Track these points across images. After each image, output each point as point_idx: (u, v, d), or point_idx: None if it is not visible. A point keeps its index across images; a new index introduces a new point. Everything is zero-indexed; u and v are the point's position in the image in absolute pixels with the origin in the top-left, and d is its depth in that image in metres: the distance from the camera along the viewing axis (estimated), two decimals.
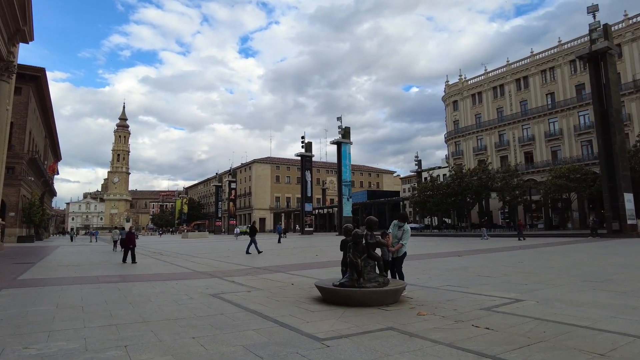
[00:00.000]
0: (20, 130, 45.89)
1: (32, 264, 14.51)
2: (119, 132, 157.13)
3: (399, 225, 7.71)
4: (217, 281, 9.49)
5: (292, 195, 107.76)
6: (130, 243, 14.88)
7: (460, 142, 63.02)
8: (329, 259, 15.43)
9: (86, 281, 9.38)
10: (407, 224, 7.76)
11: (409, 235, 7.63)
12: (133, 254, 14.82)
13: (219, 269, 12.57)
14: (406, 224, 7.74)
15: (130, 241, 14.94)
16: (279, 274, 10.93)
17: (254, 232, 20.02)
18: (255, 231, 20.18)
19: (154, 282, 9.28)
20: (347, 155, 53.62)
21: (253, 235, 19.76)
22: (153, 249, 26.65)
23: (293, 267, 12.79)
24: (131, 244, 14.88)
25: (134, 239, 15.17)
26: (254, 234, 19.85)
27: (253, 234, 19.81)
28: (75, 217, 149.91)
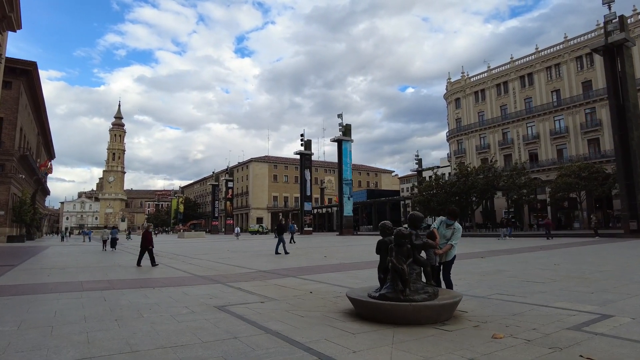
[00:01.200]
0: (10, 126, 44.27)
1: (11, 266, 13.08)
2: (115, 130, 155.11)
3: (448, 222, 6.40)
4: (221, 288, 8.13)
5: (289, 194, 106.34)
6: (148, 244, 13.19)
7: (463, 140, 61.85)
8: (340, 261, 14.11)
9: (67, 288, 7.98)
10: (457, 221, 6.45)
11: (459, 234, 6.32)
12: (152, 256, 13.18)
13: (220, 272, 11.21)
14: (456, 221, 6.43)
15: (148, 241, 13.24)
16: (289, 278, 9.58)
17: (282, 230, 18.51)
18: (283, 230, 18.68)
19: (147, 289, 7.89)
20: (347, 153, 52.30)
21: (281, 234, 18.28)
22: None
23: (303, 270, 11.45)
24: (149, 244, 13.18)
25: (151, 238, 13.48)
26: (282, 232, 18.36)
27: (281, 233, 18.32)
28: (69, 217, 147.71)
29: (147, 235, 13.46)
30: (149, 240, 13.25)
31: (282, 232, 18.41)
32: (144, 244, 13.24)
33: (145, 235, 13.57)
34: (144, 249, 13.20)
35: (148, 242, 13.21)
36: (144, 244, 13.24)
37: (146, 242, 13.23)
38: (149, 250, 13.16)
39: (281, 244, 17.82)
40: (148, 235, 13.47)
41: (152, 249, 13.31)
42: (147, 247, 13.12)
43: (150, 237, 13.43)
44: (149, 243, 13.21)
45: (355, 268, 11.66)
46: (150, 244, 13.19)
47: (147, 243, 13.19)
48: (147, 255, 13.16)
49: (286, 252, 17.57)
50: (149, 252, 13.15)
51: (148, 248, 13.12)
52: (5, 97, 42.97)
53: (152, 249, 13.26)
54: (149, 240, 13.27)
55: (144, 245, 13.24)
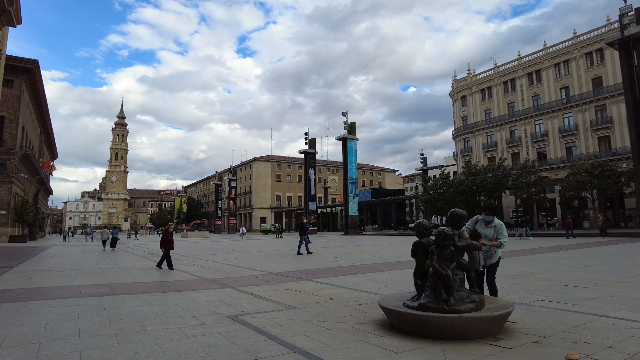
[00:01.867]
0: (12, 124, 43.77)
1: (7, 268, 12.41)
2: (117, 130, 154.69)
3: (487, 219, 5.63)
4: (232, 293, 7.42)
5: (293, 194, 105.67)
6: (169, 245, 11.98)
7: (469, 138, 60.99)
8: (353, 262, 13.38)
9: (63, 294, 7.28)
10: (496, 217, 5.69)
11: (505, 231, 5.56)
12: (169, 260, 12.02)
13: (228, 274, 10.51)
14: (496, 217, 5.67)
15: (169, 243, 12.02)
16: (304, 282, 8.87)
17: (303, 230, 17.61)
18: (305, 229, 17.79)
19: (150, 295, 7.19)
20: (352, 152, 51.55)
21: (303, 233, 17.39)
22: (151, 249, 24.55)
23: (315, 273, 10.74)
24: (170, 246, 12.00)
25: (172, 239, 12.25)
26: (303, 232, 17.44)
27: (303, 233, 17.41)
28: (72, 217, 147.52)
29: (167, 236, 12.20)
30: (170, 242, 12.07)
31: (304, 231, 17.52)
32: (165, 245, 12.00)
33: (165, 235, 12.26)
34: (165, 250, 12.01)
35: (169, 243, 12.04)
36: (165, 245, 12.00)
37: (167, 243, 12.01)
38: (167, 253, 12.01)
39: (303, 244, 16.99)
40: (169, 236, 12.23)
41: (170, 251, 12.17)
42: (166, 248, 11.97)
43: (171, 237, 12.24)
44: (170, 244, 12.05)
45: (372, 270, 10.94)
46: (171, 246, 12.07)
47: (168, 245, 12.01)
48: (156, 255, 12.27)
49: (309, 251, 16.78)
50: (166, 255, 12.01)
51: (168, 250, 12.01)
52: (6, 96, 42.44)
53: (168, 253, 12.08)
54: (170, 241, 12.10)
55: (164, 246, 12.01)
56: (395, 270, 10.70)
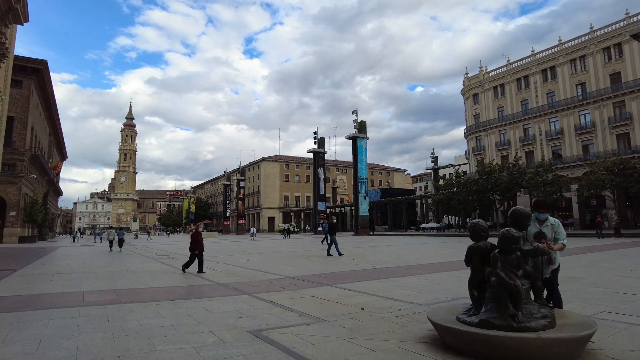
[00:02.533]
0: (21, 125, 43.60)
1: (11, 271, 11.83)
2: (126, 131, 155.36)
3: (540, 217, 4.82)
4: (250, 301, 6.71)
5: (301, 194, 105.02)
6: (199, 247, 11.11)
7: (482, 137, 59.81)
8: (374, 265, 12.61)
9: (65, 302, 6.62)
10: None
11: (563, 230, 4.76)
12: (200, 261, 11.09)
13: (242, 278, 9.81)
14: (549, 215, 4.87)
15: (199, 244, 11.14)
16: (326, 288, 8.14)
17: (333, 230, 16.76)
18: (335, 229, 16.95)
19: (160, 303, 6.50)
20: (363, 151, 50.69)
21: (333, 234, 16.50)
22: (160, 250, 24.00)
23: (336, 277, 10.00)
24: (200, 247, 11.12)
25: (202, 240, 11.35)
26: (334, 232, 16.57)
27: (333, 233, 16.53)
28: (82, 217, 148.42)
29: (197, 237, 11.28)
30: (199, 242, 11.14)
31: (334, 232, 16.64)
32: (195, 246, 11.11)
33: (195, 236, 11.33)
34: (195, 253, 11.13)
35: (199, 244, 11.11)
36: (195, 246, 11.11)
37: (197, 244, 11.10)
38: (198, 255, 11.12)
39: (333, 245, 16.14)
40: (199, 237, 11.31)
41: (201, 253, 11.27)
42: (199, 250, 11.09)
43: (200, 238, 11.30)
44: (200, 246, 11.13)
45: (396, 274, 10.17)
46: (201, 247, 11.16)
47: (198, 246, 11.09)
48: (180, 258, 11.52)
49: (340, 253, 15.91)
50: (198, 257, 11.12)
51: (198, 252, 11.11)
52: (15, 96, 42.26)
53: (201, 254, 11.21)
54: (200, 242, 11.16)
55: (194, 248, 11.12)
56: (423, 275, 9.91)
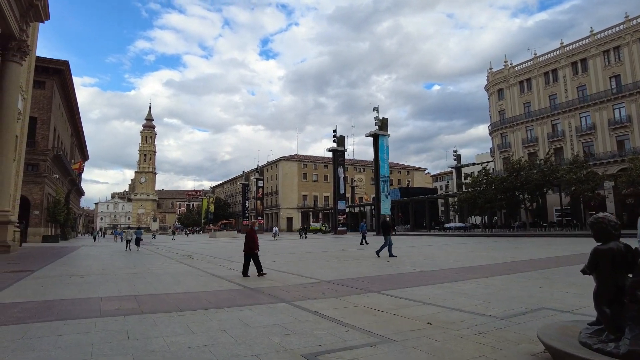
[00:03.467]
0: (44, 125, 43.86)
1: (29, 272, 11.17)
2: (145, 132, 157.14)
3: None
4: (291, 311, 5.74)
5: (319, 193, 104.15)
6: (254, 246, 9.99)
7: (507, 133, 57.78)
8: (415, 268, 11.52)
9: (79, 311, 5.76)
10: None
11: None
12: (258, 263, 9.98)
13: (275, 282, 8.87)
14: None
15: (254, 243, 10.03)
16: (372, 295, 7.13)
17: (387, 229, 15.58)
18: (389, 229, 15.76)
19: (188, 314, 5.58)
20: (384, 149, 49.42)
21: (388, 233, 15.32)
22: (181, 250, 23.36)
23: (376, 281, 8.99)
24: (255, 247, 10.00)
25: (257, 238, 10.22)
26: (388, 232, 15.39)
27: (387, 233, 15.35)
28: (103, 217, 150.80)
29: (252, 235, 10.22)
30: (255, 241, 10.08)
31: (388, 231, 15.44)
32: (250, 246, 10.02)
33: (250, 235, 10.26)
34: (250, 253, 10.02)
35: (254, 243, 10.05)
36: (250, 246, 10.02)
37: (252, 244, 10.03)
38: (253, 256, 10.00)
39: (387, 246, 15.03)
40: (254, 235, 10.25)
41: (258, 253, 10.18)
42: (253, 251, 9.99)
43: (256, 236, 10.24)
44: (255, 245, 10.06)
45: (445, 279, 9.08)
46: (256, 247, 10.06)
47: (253, 246, 10.01)
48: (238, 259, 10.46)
49: (391, 254, 14.75)
50: (253, 259, 9.99)
51: (254, 253, 10.01)
52: (38, 97, 42.51)
53: (256, 255, 10.08)
54: (255, 241, 10.10)
55: (249, 248, 10.02)
56: (475, 280, 8.80)
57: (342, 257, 15.70)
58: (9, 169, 22.84)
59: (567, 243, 22.50)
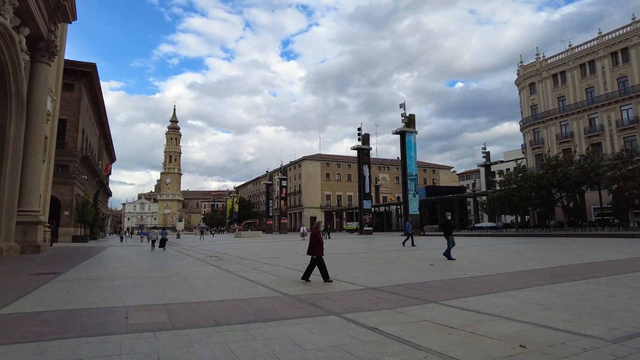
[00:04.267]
0: (73, 127, 44.53)
1: (55, 275, 10.71)
2: (170, 134, 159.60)
3: None
4: (344, 327, 4.87)
5: (343, 193, 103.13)
6: (319, 249, 8.96)
7: (540, 129, 55.35)
8: (464, 273, 10.48)
9: (102, 327, 5.04)
10: None
11: None
12: (324, 268, 8.88)
13: (314, 288, 8.04)
14: None
15: (319, 245, 9.00)
16: (432, 306, 6.20)
17: (450, 229, 14.25)
18: (451, 229, 14.54)
19: (226, 330, 4.79)
20: (412, 146, 47.98)
21: (450, 233, 14.01)
22: (208, 251, 22.86)
23: (427, 288, 8.05)
24: (319, 250, 8.96)
25: (322, 241, 9.17)
26: (450, 232, 14.09)
27: (450, 232, 14.04)
28: (130, 217, 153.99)
29: (318, 237, 9.14)
30: (320, 244, 9.03)
31: (451, 231, 14.24)
32: (315, 249, 8.96)
33: (315, 236, 9.16)
34: (316, 258, 8.96)
35: (319, 246, 9.01)
36: (315, 249, 8.96)
37: (318, 246, 8.99)
38: (319, 259, 8.93)
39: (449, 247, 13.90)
40: (319, 236, 9.17)
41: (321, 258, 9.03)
42: (319, 254, 8.95)
43: (321, 239, 9.20)
44: (321, 249, 9.00)
45: (505, 285, 8.05)
46: (320, 250, 8.98)
47: (318, 249, 8.96)
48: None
49: (450, 257, 13.67)
50: (318, 264, 8.90)
51: (318, 257, 8.94)
52: (67, 99, 43.17)
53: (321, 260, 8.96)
54: (321, 244, 9.05)
55: (314, 251, 8.96)
56: (541, 287, 7.72)
57: (378, 260, 14.75)
58: (38, 169, 22.85)
59: (617, 244, 20.85)
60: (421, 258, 15.08)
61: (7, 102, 20.24)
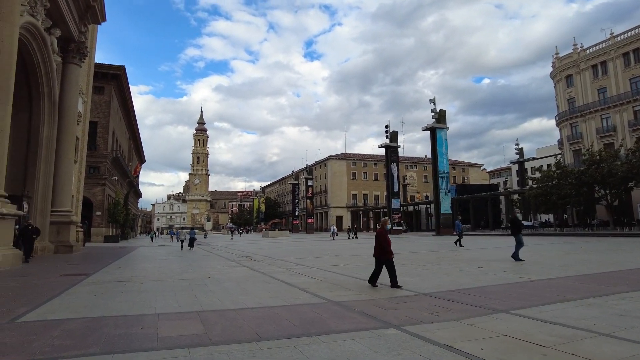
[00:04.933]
0: (103, 129, 45.30)
1: (84, 276, 10.34)
2: (198, 135, 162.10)
3: None
4: (409, 343, 4.08)
5: (369, 192, 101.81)
6: (387, 251, 7.88)
7: (578, 123, 52.60)
8: (520, 277, 9.47)
9: (131, 338, 4.43)
10: None
11: None
12: (393, 272, 7.85)
13: (358, 293, 7.27)
14: None
15: (388, 246, 7.91)
16: (502, 316, 5.32)
17: (519, 228, 13.06)
18: (520, 227, 13.37)
19: (272, 345, 4.08)
20: (443, 143, 46.44)
21: (519, 232, 12.82)
22: (237, 250, 22.44)
23: (485, 293, 7.15)
24: (388, 253, 7.87)
25: (389, 240, 8.02)
26: (519, 230, 12.91)
27: (518, 231, 12.84)
28: (160, 218, 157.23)
29: (385, 236, 8.01)
30: (388, 244, 7.91)
31: (520, 230, 13.06)
32: (382, 251, 7.93)
33: (382, 236, 8.02)
34: (383, 260, 7.94)
35: (387, 247, 7.89)
36: (382, 251, 7.93)
37: (386, 247, 7.88)
38: (388, 262, 7.89)
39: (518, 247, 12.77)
40: (386, 236, 8.04)
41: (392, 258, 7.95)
42: (387, 257, 7.89)
43: (389, 239, 8.06)
44: (389, 250, 7.89)
45: (578, 292, 7.04)
46: (389, 252, 7.88)
47: (386, 250, 7.88)
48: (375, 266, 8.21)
49: (518, 258, 12.55)
50: (387, 266, 7.88)
51: (387, 259, 7.90)
52: (98, 102, 43.96)
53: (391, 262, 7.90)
54: (389, 244, 7.92)
55: (380, 252, 7.96)
56: (624, 294, 6.69)
57: (418, 261, 13.81)
58: (70, 169, 23.01)
59: None
60: (464, 259, 14.08)
61: (40, 103, 20.38)
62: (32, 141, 20.10)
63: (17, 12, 15.10)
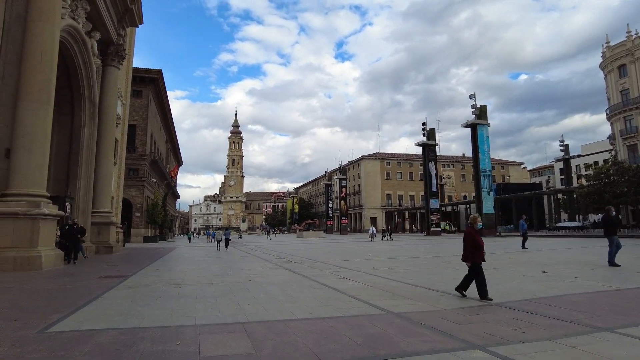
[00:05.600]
0: (142, 132, 46.29)
1: (122, 278, 10.01)
2: (233, 138, 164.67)
3: None
4: None
5: (404, 192, 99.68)
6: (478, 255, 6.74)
7: (633, 116, 49.06)
8: (599, 284, 8.32)
9: (167, 356, 3.81)
10: None
11: None
12: (482, 280, 6.67)
13: (417, 302, 6.43)
14: None
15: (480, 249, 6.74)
16: (607, 336, 4.35)
17: (614, 226, 11.32)
18: (616, 226, 11.79)
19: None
20: (484, 140, 44.39)
21: (614, 233, 11.04)
22: (275, 251, 21.95)
23: (566, 304, 6.15)
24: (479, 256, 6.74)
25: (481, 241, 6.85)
26: (615, 231, 11.17)
27: (614, 232, 11.07)
28: (197, 219, 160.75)
29: (476, 238, 6.80)
30: (479, 247, 6.73)
31: (615, 230, 11.21)
32: (471, 253, 6.76)
33: (473, 237, 6.81)
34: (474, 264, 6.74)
35: (479, 250, 6.73)
36: (471, 253, 6.76)
37: (477, 250, 6.73)
38: (475, 268, 6.72)
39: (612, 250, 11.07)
40: (477, 238, 6.82)
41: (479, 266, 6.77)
42: (477, 261, 6.74)
43: (480, 240, 6.82)
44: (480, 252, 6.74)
45: None
46: (481, 255, 6.75)
47: (477, 253, 6.73)
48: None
49: (614, 262, 10.90)
50: (476, 273, 6.73)
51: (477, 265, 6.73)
52: (137, 105, 44.98)
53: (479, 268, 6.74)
54: (480, 247, 6.74)
55: (470, 256, 6.77)
56: None
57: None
58: (109, 170, 23.28)
59: None
60: (521, 262, 12.86)
61: (81, 105, 20.66)
62: (74, 142, 20.39)
63: (57, 14, 15.18)
